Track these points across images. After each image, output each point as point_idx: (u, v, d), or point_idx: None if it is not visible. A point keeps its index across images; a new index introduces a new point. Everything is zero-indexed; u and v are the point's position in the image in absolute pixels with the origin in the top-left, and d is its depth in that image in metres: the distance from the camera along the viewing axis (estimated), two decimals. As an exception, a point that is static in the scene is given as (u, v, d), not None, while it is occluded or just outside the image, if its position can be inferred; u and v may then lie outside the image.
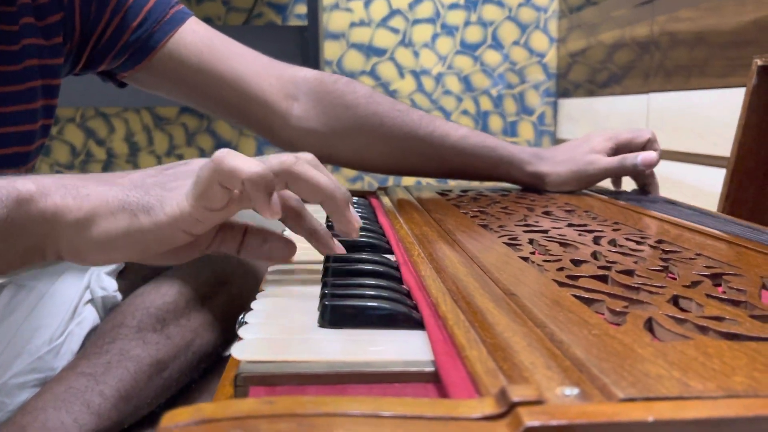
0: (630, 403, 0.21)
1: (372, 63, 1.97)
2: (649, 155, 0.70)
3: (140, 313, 0.73)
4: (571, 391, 0.22)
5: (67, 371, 0.68)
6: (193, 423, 0.18)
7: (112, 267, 0.78)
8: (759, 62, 0.86)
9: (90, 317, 0.77)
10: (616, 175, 0.73)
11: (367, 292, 0.33)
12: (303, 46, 1.63)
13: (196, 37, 0.72)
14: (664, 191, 1.39)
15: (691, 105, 1.32)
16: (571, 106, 1.94)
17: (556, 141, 2.04)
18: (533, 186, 0.75)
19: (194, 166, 0.39)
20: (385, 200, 0.73)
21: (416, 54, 1.98)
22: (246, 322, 0.37)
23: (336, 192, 0.39)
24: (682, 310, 0.33)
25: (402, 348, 0.29)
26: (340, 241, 0.45)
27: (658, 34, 1.44)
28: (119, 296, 0.77)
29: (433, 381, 0.27)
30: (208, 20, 1.92)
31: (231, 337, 0.82)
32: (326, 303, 0.31)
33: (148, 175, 0.39)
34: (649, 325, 0.29)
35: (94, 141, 1.97)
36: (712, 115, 1.25)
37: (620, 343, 0.26)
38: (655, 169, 0.73)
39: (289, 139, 0.76)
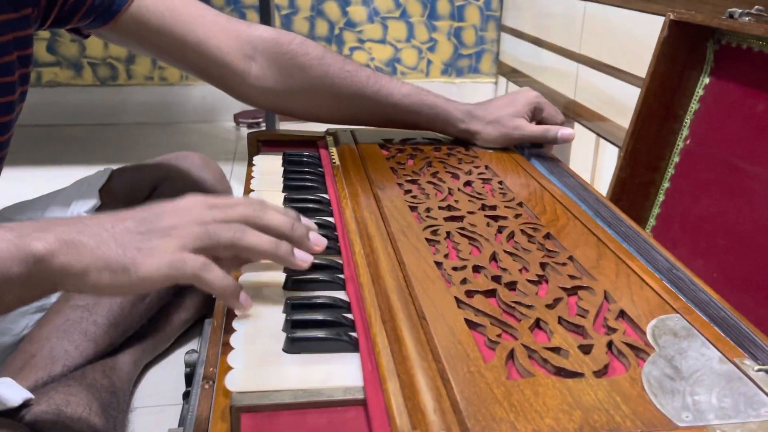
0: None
1: (321, -58, 1.94)
2: (569, 132, 0.83)
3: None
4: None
5: (62, 303, 0.80)
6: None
7: (90, 205, 0.88)
8: (672, 16, 0.95)
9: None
10: (537, 141, 0.85)
11: (318, 318, 0.46)
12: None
13: (157, 1, 0.78)
14: (590, 99, 1.50)
15: (619, 22, 1.40)
16: (516, -6, 1.98)
17: (501, 27, 2.10)
18: (465, 140, 0.87)
19: (168, 223, 0.49)
20: (333, 152, 0.83)
21: (366, -66, 1.96)
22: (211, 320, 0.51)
23: (277, 255, 0.51)
24: (541, 329, 0.47)
25: (344, 373, 0.42)
26: None
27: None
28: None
29: (364, 405, 0.40)
30: None
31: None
32: (288, 336, 0.44)
33: (127, 230, 0.48)
34: (511, 356, 0.43)
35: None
36: (636, 36, 1.34)
37: (485, 382, 0.40)
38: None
39: (248, 96, 0.84)
